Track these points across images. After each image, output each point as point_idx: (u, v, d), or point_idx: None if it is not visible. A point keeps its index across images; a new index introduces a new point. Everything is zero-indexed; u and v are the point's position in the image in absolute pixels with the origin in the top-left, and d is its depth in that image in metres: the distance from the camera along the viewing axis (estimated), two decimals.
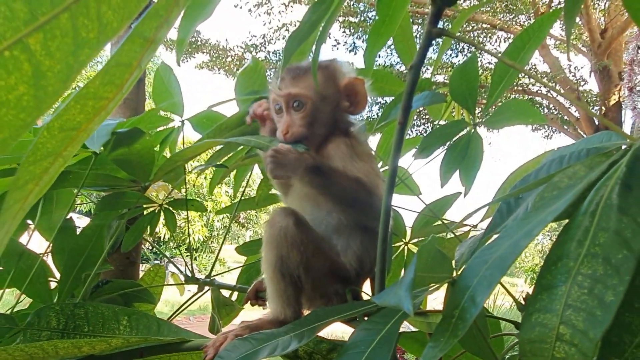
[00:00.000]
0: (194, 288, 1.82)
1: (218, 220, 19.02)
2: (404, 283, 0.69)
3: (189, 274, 1.77)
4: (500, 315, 1.40)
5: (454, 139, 1.77)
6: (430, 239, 0.84)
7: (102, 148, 1.50)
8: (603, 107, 12.93)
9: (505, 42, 15.76)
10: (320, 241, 1.26)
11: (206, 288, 1.73)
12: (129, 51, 0.60)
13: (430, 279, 0.93)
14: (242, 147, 1.71)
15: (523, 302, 0.98)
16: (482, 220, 1.78)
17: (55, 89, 0.49)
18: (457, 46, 14.97)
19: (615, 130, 0.86)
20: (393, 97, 1.73)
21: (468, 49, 14.75)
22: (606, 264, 0.59)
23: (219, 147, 1.62)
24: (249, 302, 1.53)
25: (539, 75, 14.86)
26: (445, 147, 1.81)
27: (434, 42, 1.02)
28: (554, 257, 0.64)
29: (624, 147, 0.77)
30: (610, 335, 0.62)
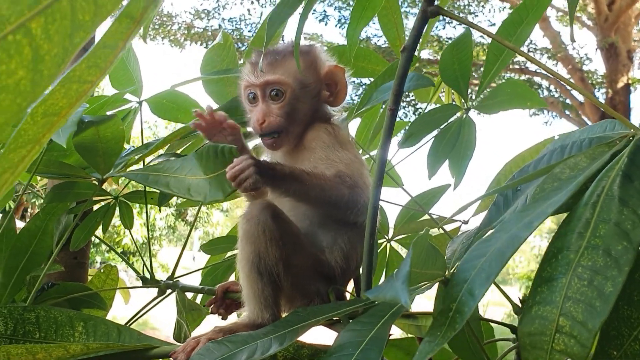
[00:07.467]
0: (139, 299, 1.84)
1: (161, 219, 18.71)
2: (400, 276, 0.78)
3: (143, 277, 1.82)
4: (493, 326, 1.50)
5: (443, 126, 1.84)
6: (423, 232, 0.93)
7: None
8: (610, 90, 13.18)
9: (500, 12, 15.93)
10: (301, 236, 1.33)
11: (168, 292, 1.77)
12: (115, 32, 0.67)
13: (423, 276, 1.02)
14: None
15: (520, 305, 1.07)
16: (473, 215, 1.87)
17: (51, 72, 0.56)
18: (445, 17, 15.07)
19: (619, 119, 0.96)
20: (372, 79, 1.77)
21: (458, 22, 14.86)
22: (606, 256, 0.69)
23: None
24: (214, 305, 1.58)
25: (539, 52, 15.09)
26: (434, 134, 1.88)
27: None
28: (554, 249, 0.74)
29: (628, 136, 0.87)
30: (609, 328, 0.72)
